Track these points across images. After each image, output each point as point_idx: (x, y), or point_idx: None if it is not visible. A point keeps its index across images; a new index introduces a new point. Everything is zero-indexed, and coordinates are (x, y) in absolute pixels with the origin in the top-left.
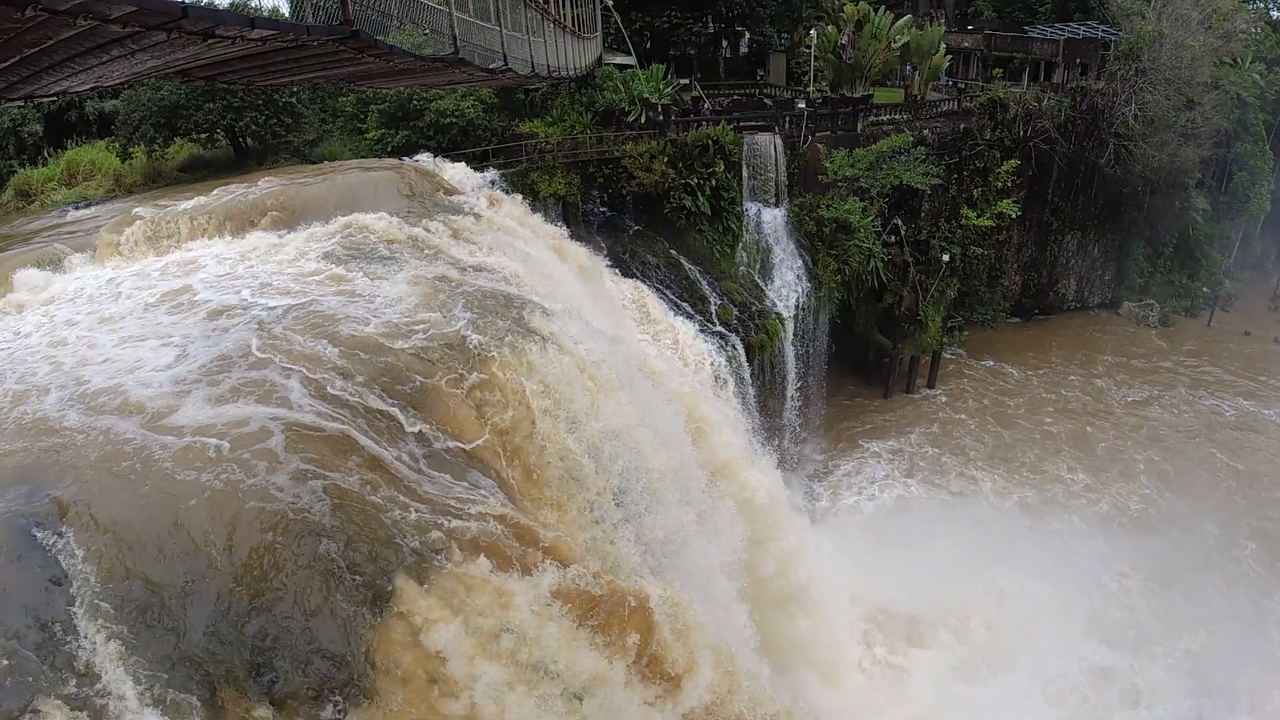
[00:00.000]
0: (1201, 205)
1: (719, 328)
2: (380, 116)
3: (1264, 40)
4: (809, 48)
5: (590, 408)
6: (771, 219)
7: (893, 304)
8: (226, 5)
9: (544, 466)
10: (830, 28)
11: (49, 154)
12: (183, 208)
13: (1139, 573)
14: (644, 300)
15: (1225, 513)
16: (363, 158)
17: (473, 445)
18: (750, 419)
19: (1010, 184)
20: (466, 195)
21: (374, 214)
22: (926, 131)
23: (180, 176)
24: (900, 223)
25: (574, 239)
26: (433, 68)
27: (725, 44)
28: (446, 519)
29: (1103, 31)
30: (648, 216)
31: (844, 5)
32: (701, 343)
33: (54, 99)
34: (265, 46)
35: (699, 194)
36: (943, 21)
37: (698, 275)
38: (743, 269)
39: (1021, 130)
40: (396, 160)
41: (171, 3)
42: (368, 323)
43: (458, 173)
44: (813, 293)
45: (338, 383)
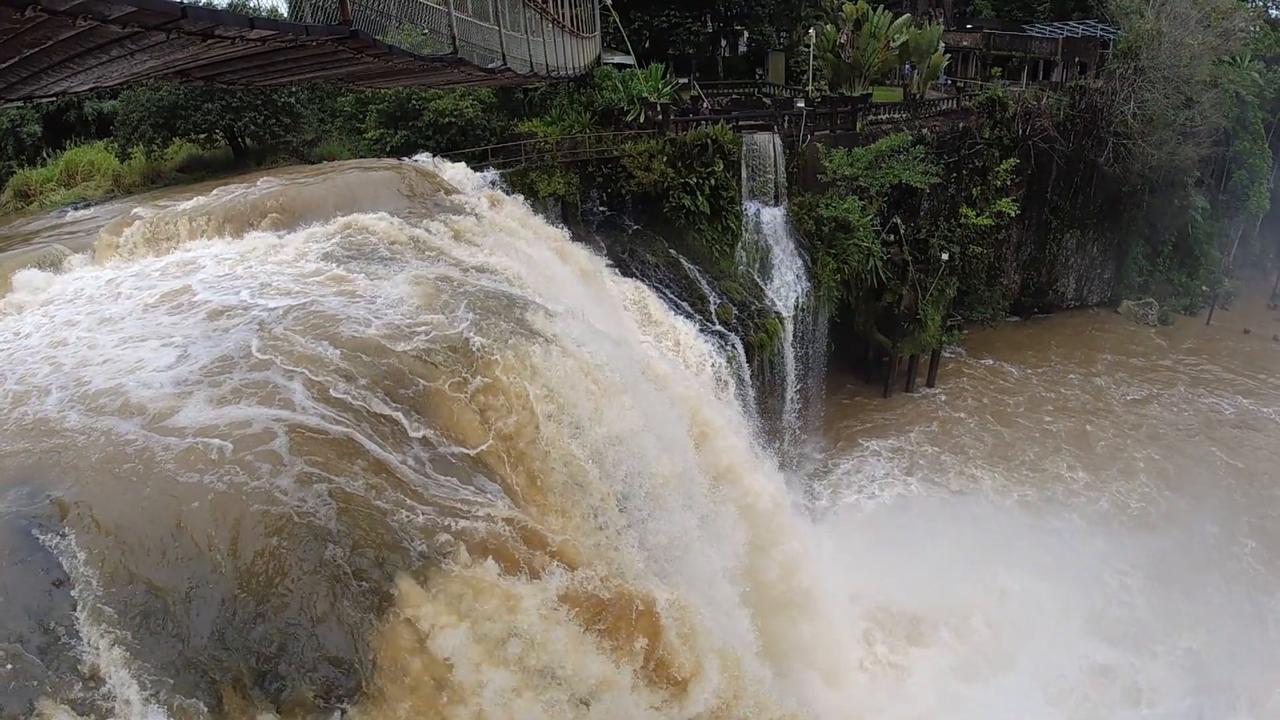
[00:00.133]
0: (1200, 204)
1: (718, 327)
2: (379, 116)
3: (1263, 38)
4: (808, 47)
5: (594, 412)
6: (771, 218)
7: (892, 303)
8: (225, 5)
9: (548, 472)
10: (829, 27)
11: (48, 154)
12: (182, 208)
13: (1139, 571)
14: (645, 301)
15: (1225, 511)
16: (361, 158)
17: (477, 450)
18: (751, 420)
19: (1009, 183)
20: (467, 195)
21: (374, 214)
22: (925, 130)
23: (179, 177)
24: (899, 222)
25: (573, 239)
26: (431, 67)
27: (724, 43)
28: (454, 520)
29: (1101, 30)
30: (647, 216)
31: (843, 4)
32: (702, 343)
33: (53, 99)
34: (264, 47)
35: (698, 193)
36: (941, 20)
37: (697, 274)
38: (742, 268)
39: (1020, 129)
40: (396, 160)
41: (171, 3)
42: (369, 324)
43: (457, 173)
44: (812, 292)
45: (340, 385)
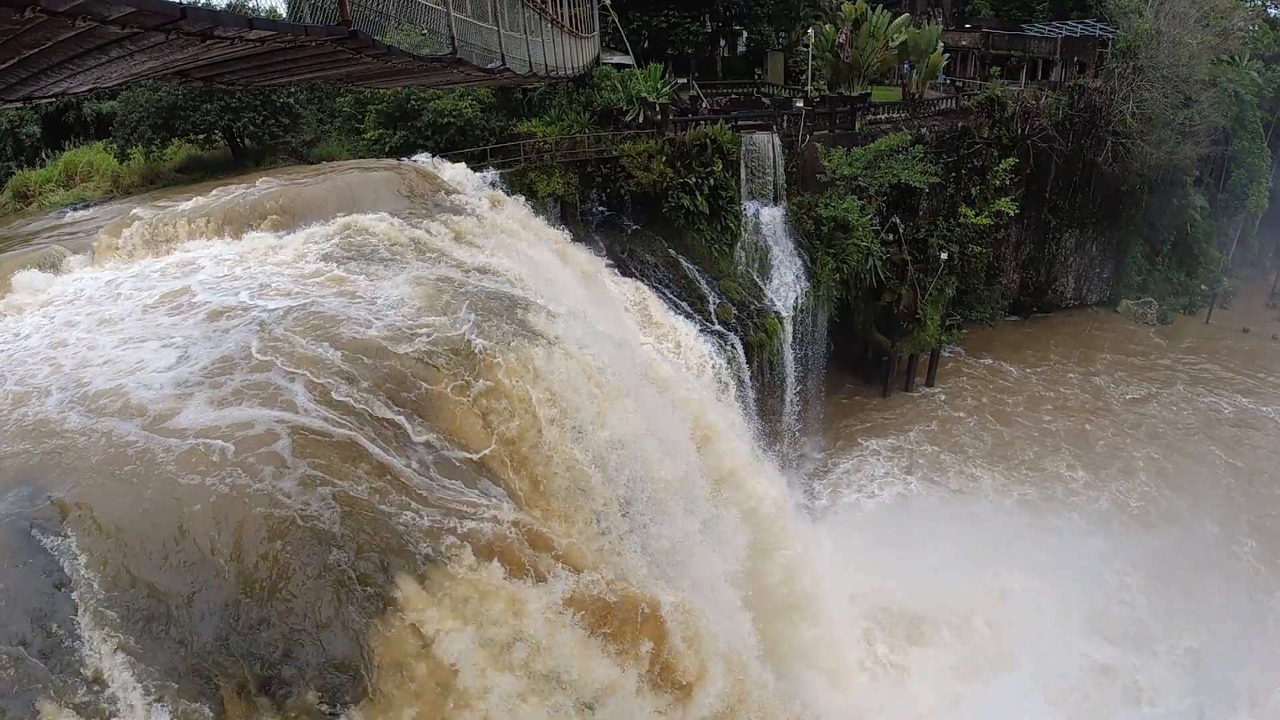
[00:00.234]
0: (1199, 203)
1: (718, 327)
2: (378, 117)
3: (1261, 38)
4: (806, 46)
5: (596, 416)
6: (770, 218)
7: (891, 302)
8: (224, 6)
9: (551, 477)
10: (828, 26)
11: (47, 155)
12: (181, 209)
13: (1139, 570)
14: (645, 302)
15: (1225, 510)
16: (360, 158)
17: (480, 455)
18: (751, 422)
19: (1008, 182)
20: (467, 196)
21: (374, 215)
22: (924, 130)
23: (178, 177)
24: (898, 221)
25: (573, 239)
26: (431, 68)
27: (723, 43)
28: (459, 522)
29: (1100, 29)
30: (646, 216)
31: (841, 4)
32: (703, 344)
33: (52, 100)
34: (263, 47)
35: (697, 193)
36: (940, 20)
37: (696, 274)
38: (741, 268)
39: (1019, 128)
40: (395, 160)
41: (170, 4)
42: (370, 325)
43: (457, 173)
44: (811, 291)
45: (343, 388)
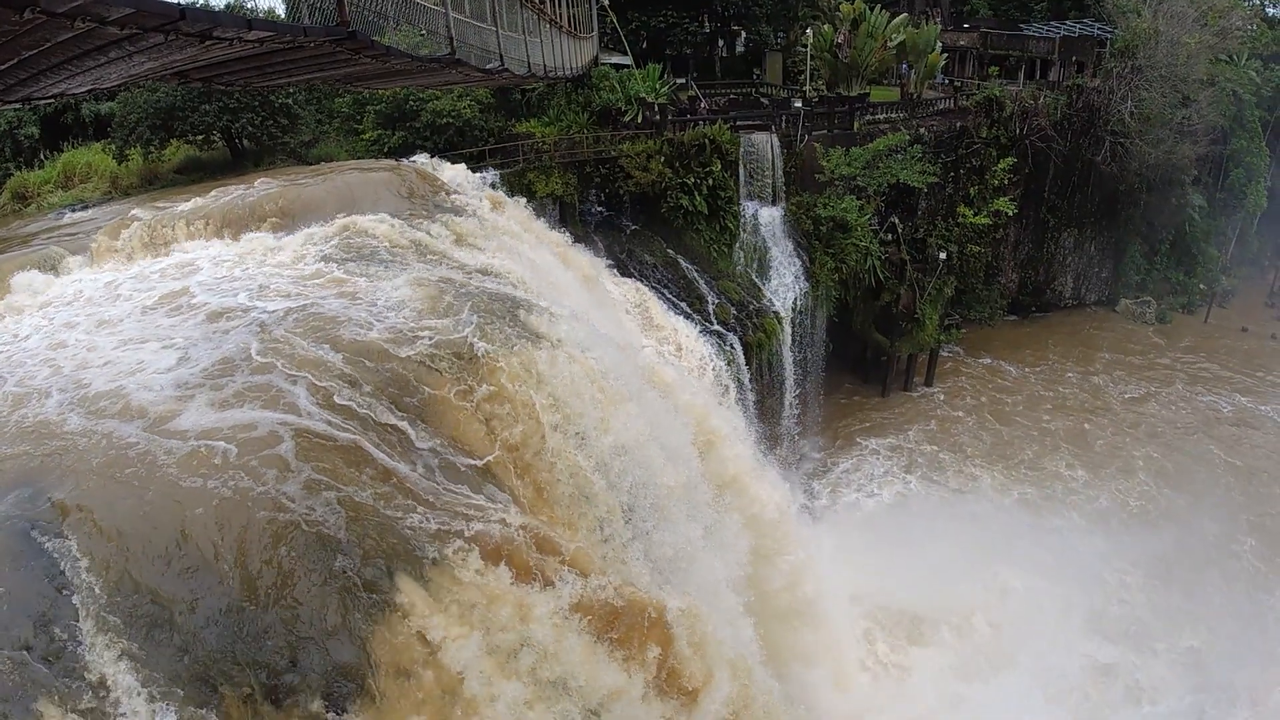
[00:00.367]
0: (1198, 202)
1: (717, 327)
2: (376, 117)
3: (1260, 37)
4: (805, 47)
5: (600, 422)
6: (769, 218)
7: (890, 302)
8: (223, 7)
9: (554, 484)
10: (826, 27)
11: (45, 156)
12: (180, 209)
13: (1139, 569)
14: (646, 304)
15: (1224, 509)
16: (359, 158)
17: (484, 461)
18: (752, 424)
19: (1007, 182)
20: (467, 197)
21: (374, 216)
22: (923, 130)
23: (176, 178)
24: (897, 221)
25: (572, 240)
26: (429, 68)
27: (721, 43)
28: (467, 525)
29: (1098, 29)
30: (645, 216)
31: (840, 4)
32: (704, 346)
33: (51, 101)
34: (262, 48)
35: (696, 193)
36: (939, 20)
37: (695, 274)
38: (740, 268)
39: (1018, 128)
40: (394, 161)
41: (169, 5)
42: (371, 327)
43: (457, 174)
44: (810, 291)
45: (345, 391)
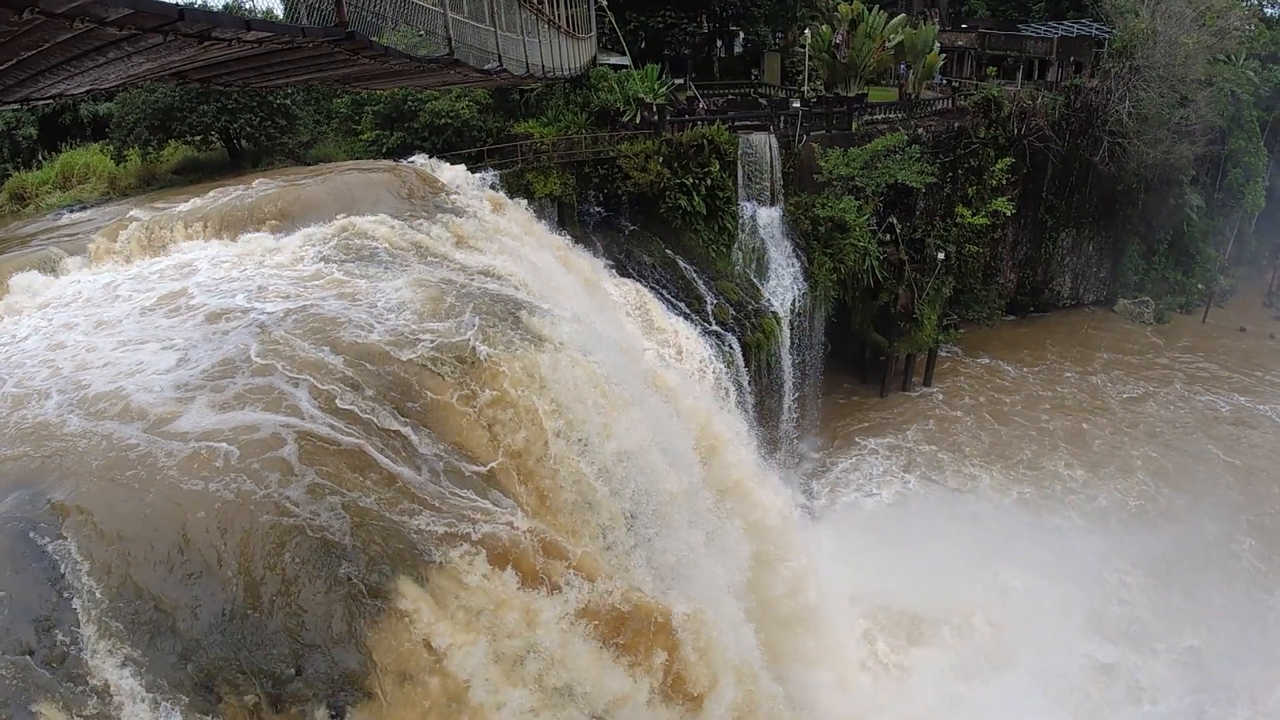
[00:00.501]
0: (1196, 202)
1: (715, 327)
2: (375, 118)
3: (1258, 37)
4: (803, 47)
5: (603, 428)
6: (767, 218)
7: (888, 302)
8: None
9: (557, 491)
10: (825, 27)
11: (43, 157)
12: (178, 210)
13: (1139, 569)
14: (646, 306)
15: (1223, 508)
16: (357, 159)
17: (488, 467)
18: (753, 427)
19: (1005, 182)
20: (467, 198)
21: (373, 216)
22: (921, 130)
23: (175, 179)
24: (895, 221)
25: (572, 241)
26: (428, 69)
27: (720, 44)
28: (474, 527)
29: (1096, 29)
30: (643, 216)
31: (838, 4)
32: (704, 348)
33: (49, 101)
34: (261, 48)
35: (694, 194)
36: (937, 20)
37: (694, 275)
38: (739, 268)
39: (1016, 128)
40: (393, 162)
41: (168, 5)
42: (372, 329)
43: (456, 174)
44: (809, 292)
45: (347, 395)
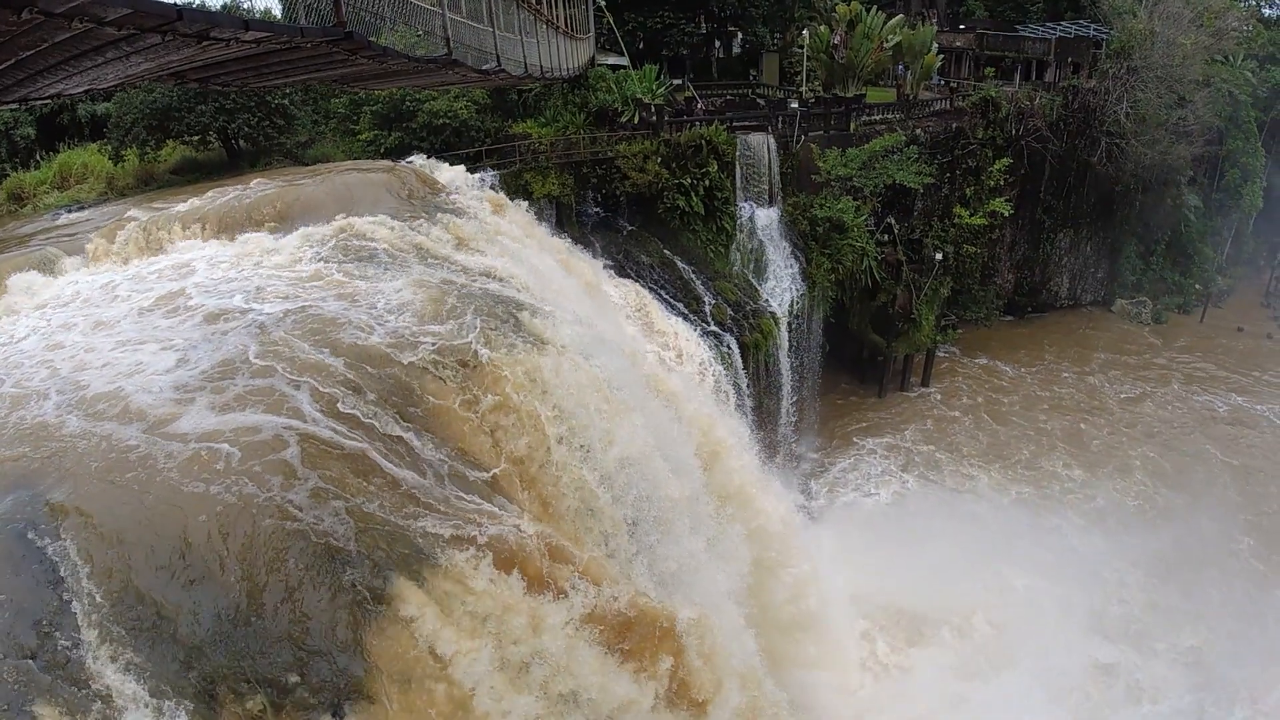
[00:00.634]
0: (1194, 202)
1: (714, 327)
2: (373, 118)
3: (1256, 38)
4: (801, 48)
5: (605, 434)
6: (765, 219)
7: (886, 303)
8: (219, 7)
9: (559, 498)
10: (823, 28)
11: (41, 157)
12: (176, 210)
13: (1138, 569)
14: (646, 308)
15: (1222, 508)
16: (356, 159)
17: (491, 474)
18: (753, 429)
19: (1003, 182)
20: (467, 199)
21: (372, 217)
22: (919, 131)
23: (172, 179)
24: (893, 222)
25: (569, 240)
26: (426, 69)
27: (718, 44)
28: (480, 531)
29: (1094, 30)
30: (642, 217)
31: (836, 5)
32: (703, 350)
33: (48, 101)
34: (259, 48)
35: (692, 194)
36: (935, 21)
37: (692, 275)
38: (737, 269)
39: (1014, 129)
40: (391, 162)
41: (166, 5)
42: (372, 331)
43: (456, 175)
44: (807, 292)
45: (349, 399)
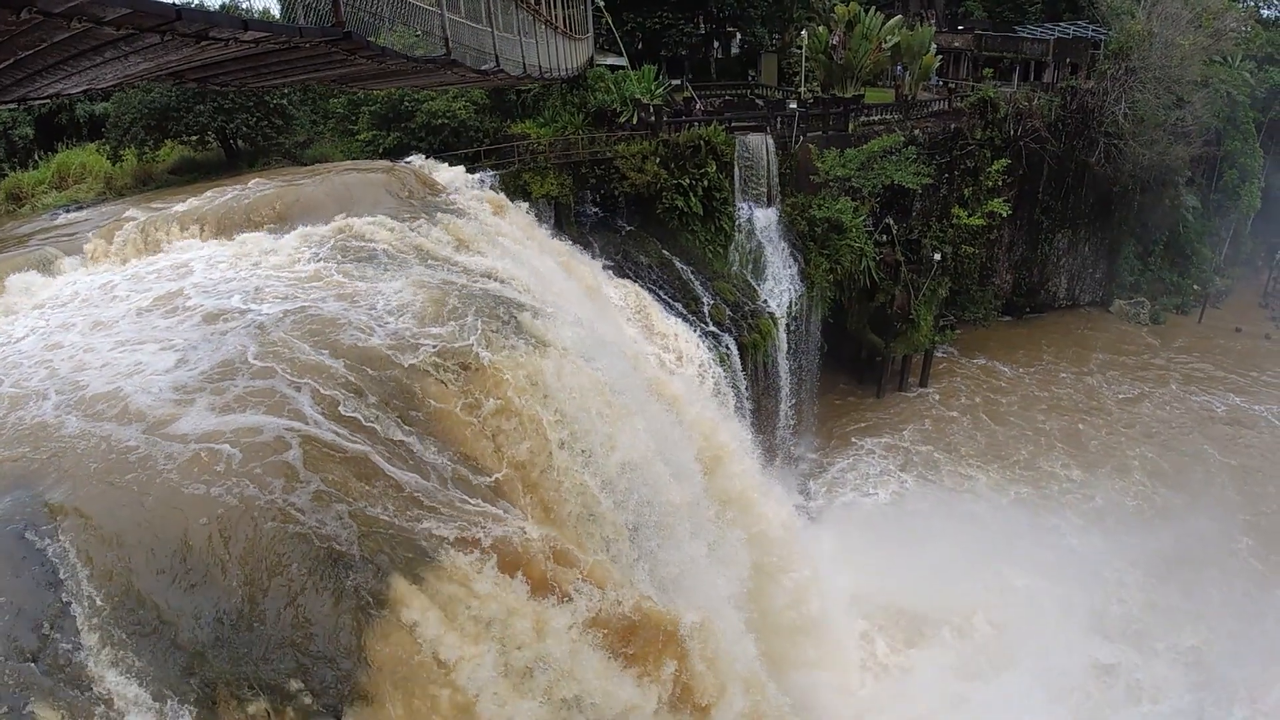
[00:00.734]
0: (1192, 203)
1: (712, 328)
2: (371, 118)
3: (1254, 38)
4: (800, 48)
5: (607, 438)
6: (764, 219)
7: (885, 303)
8: (218, 7)
9: (561, 502)
10: (821, 28)
11: (39, 157)
12: (175, 210)
13: (1138, 569)
14: (646, 310)
15: (1220, 508)
16: (354, 159)
17: (493, 479)
18: (751, 430)
19: (1001, 183)
20: (466, 199)
21: (371, 218)
22: (917, 131)
23: (171, 179)
24: (892, 222)
25: (567, 240)
26: (425, 69)
27: (716, 45)
28: (484, 532)
29: (1093, 31)
30: (640, 217)
31: (835, 6)
32: (703, 352)
33: (46, 101)
34: (258, 48)
35: (691, 194)
36: (933, 22)
37: (690, 275)
38: (735, 269)
39: (1012, 129)
40: (390, 162)
41: (165, 5)
42: (372, 332)
43: (455, 175)
44: (805, 292)
45: (350, 402)
